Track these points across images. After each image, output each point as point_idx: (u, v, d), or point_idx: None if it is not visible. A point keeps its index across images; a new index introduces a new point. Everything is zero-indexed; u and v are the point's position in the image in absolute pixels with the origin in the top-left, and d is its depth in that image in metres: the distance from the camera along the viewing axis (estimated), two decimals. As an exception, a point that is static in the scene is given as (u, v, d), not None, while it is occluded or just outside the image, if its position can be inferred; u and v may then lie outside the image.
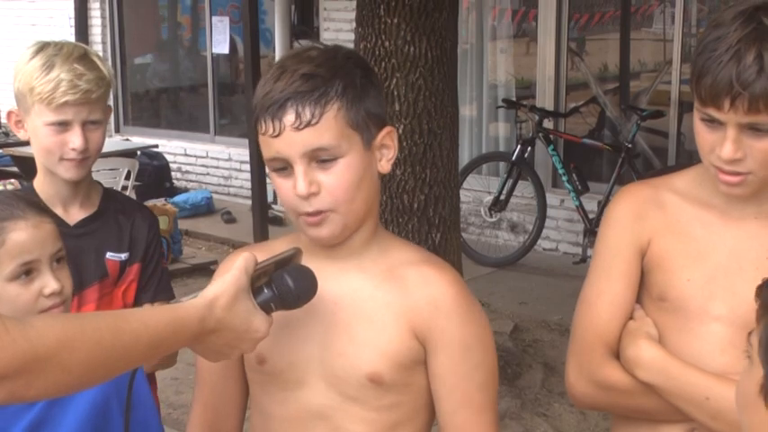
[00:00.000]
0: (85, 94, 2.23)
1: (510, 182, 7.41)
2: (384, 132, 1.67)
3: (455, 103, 4.74)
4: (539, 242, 7.49)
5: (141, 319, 1.41)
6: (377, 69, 4.38)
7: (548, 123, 7.52)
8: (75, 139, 2.25)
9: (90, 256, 2.34)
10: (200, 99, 10.47)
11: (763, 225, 1.76)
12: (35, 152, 2.33)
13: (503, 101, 7.78)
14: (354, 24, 4.80)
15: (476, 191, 7.70)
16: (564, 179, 7.20)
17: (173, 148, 9.98)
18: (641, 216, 1.83)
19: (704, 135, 1.70)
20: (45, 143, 2.27)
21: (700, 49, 1.67)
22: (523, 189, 7.49)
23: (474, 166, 7.70)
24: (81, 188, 2.36)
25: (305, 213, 1.62)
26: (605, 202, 6.72)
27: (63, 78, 2.21)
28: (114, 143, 9.28)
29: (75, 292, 2.23)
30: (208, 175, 9.92)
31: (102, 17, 10.64)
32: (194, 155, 10.02)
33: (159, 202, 8.02)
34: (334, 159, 1.59)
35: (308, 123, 1.57)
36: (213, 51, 10.00)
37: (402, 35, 4.47)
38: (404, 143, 4.47)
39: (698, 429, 1.76)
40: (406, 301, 1.67)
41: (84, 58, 2.28)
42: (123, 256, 2.38)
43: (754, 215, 1.76)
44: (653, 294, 1.82)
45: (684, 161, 6.89)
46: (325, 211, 1.61)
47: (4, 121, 7.77)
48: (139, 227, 2.42)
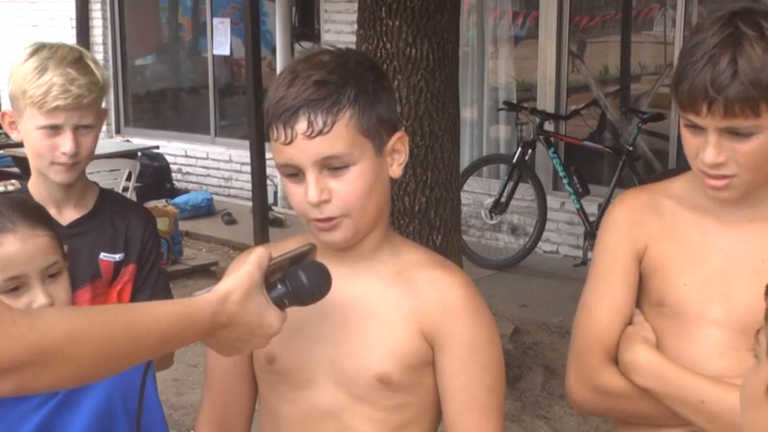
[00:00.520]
0: (77, 99, 2.21)
1: (510, 184, 7.41)
2: (395, 138, 1.67)
3: (456, 105, 4.74)
4: (539, 245, 7.49)
5: (152, 313, 1.40)
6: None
7: (548, 126, 7.51)
8: (66, 143, 2.24)
9: (82, 257, 2.33)
10: (200, 100, 10.47)
11: (758, 228, 1.77)
12: (28, 154, 2.32)
13: (504, 103, 7.78)
14: (355, 26, 4.80)
15: (476, 193, 7.70)
16: (564, 182, 7.20)
17: (173, 149, 9.98)
18: (638, 222, 1.84)
19: (689, 140, 1.72)
20: (36, 146, 2.26)
21: (680, 55, 1.70)
22: (524, 191, 7.49)
23: (475, 168, 7.70)
24: (74, 189, 2.35)
25: (315, 220, 1.62)
26: (606, 205, 6.72)
27: (55, 83, 2.20)
28: (115, 144, 9.29)
29: None
30: (208, 176, 9.92)
31: (104, 18, 10.65)
32: (195, 156, 10.02)
33: (160, 203, 8.02)
34: (345, 167, 1.60)
35: (319, 132, 1.57)
36: (214, 53, 10.00)
37: (403, 37, 4.47)
38: (405, 145, 4.46)
39: None
40: (415, 302, 1.68)
41: (79, 62, 2.25)
42: (118, 256, 2.37)
43: (748, 219, 1.77)
44: (651, 299, 1.83)
45: (685, 164, 6.86)
46: (336, 218, 1.61)
47: (4, 121, 7.72)
48: (135, 227, 2.40)
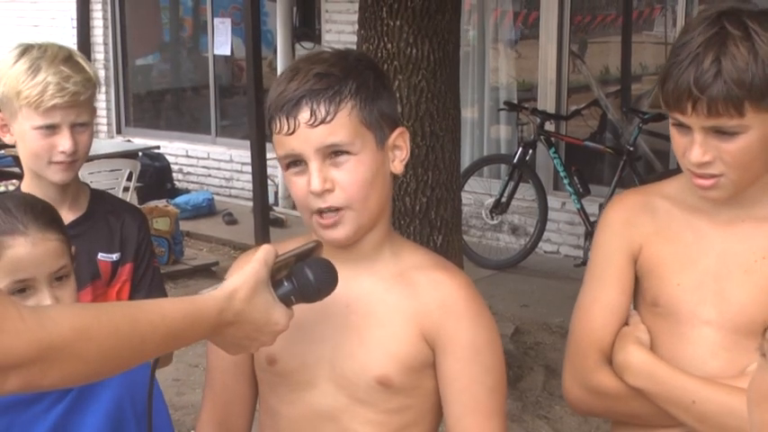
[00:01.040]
0: (73, 97, 2.21)
1: (511, 184, 7.41)
2: (397, 133, 1.68)
3: (457, 105, 4.74)
4: (540, 245, 7.49)
5: (159, 310, 1.40)
6: (379, 71, 4.37)
7: (549, 126, 7.51)
8: (65, 142, 2.23)
9: (81, 258, 2.30)
10: (201, 100, 10.48)
11: (751, 228, 1.77)
12: (22, 156, 2.31)
13: (504, 103, 7.78)
14: (356, 26, 4.80)
15: (477, 193, 7.70)
16: (565, 182, 7.20)
17: (174, 149, 9.99)
18: (632, 223, 1.85)
19: (677, 139, 1.74)
20: (33, 147, 2.25)
21: (668, 55, 1.71)
22: (525, 192, 7.49)
23: (475, 168, 7.70)
24: (69, 191, 2.35)
25: (318, 212, 1.62)
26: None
27: (50, 81, 2.19)
28: (116, 144, 9.30)
29: None
30: (209, 176, 9.92)
31: (104, 18, 10.65)
32: (196, 156, 10.03)
33: (161, 203, 8.03)
34: (347, 157, 1.61)
35: (322, 120, 1.58)
36: (215, 53, 10.01)
37: (404, 37, 4.47)
38: (406, 145, 4.47)
39: None
40: (416, 304, 1.68)
41: (70, 59, 2.25)
42: (115, 256, 2.37)
43: (741, 218, 1.78)
44: (646, 300, 1.85)
45: (686, 164, 6.87)
46: (339, 209, 1.61)
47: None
48: (129, 227, 2.40)
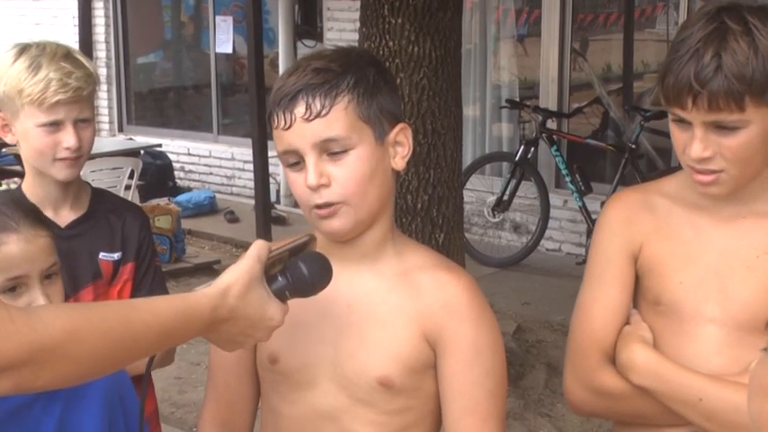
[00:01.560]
0: (76, 92, 2.22)
1: (513, 182, 7.41)
2: (398, 128, 1.67)
3: (459, 103, 4.74)
4: (542, 242, 7.49)
5: (151, 309, 1.39)
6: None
7: (551, 124, 7.51)
8: (69, 138, 2.23)
9: (83, 258, 2.33)
10: (203, 98, 10.48)
11: (751, 224, 1.77)
12: (25, 155, 2.30)
13: (506, 101, 7.77)
14: (358, 24, 4.79)
15: (479, 191, 7.70)
16: (567, 180, 7.20)
17: (176, 147, 9.99)
18: (631, 221, 1.84)
19: (676, 135, 1.73)
20: (37, 145, 2.25)
21: (669, 50, 1.71)
22: (526, 189, 7.48)
23: (477, 166, 7.70)
24: (71, 189, 2.34)
25: (316, 206, 1.62)
26: (608, 203, 6.71)
27: (53, 78, 2.19)
28: (118, 142, 9.31)
29: (71, 294, 2.21)
30: (211, 174, 9.92)
31: (106, 16, 10.65)
32: (197, 154, 10.03)
33: (162, 201, 8.03)
34: (344, 152, 1.60)
35: (317, 114, 1.58)
36: (216, 51, 10.00)
37: (406, 35, 4.47)
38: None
39: None
40: (418, 305, 1.67)
41: (69, 56, 2.26)
42: (116, 255, 2.37)
43: (742, 215, 1.77)
44: (648, 298, 1.83)
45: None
46: (336, 204, 1.61)
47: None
48: (131, 226, 2.40)
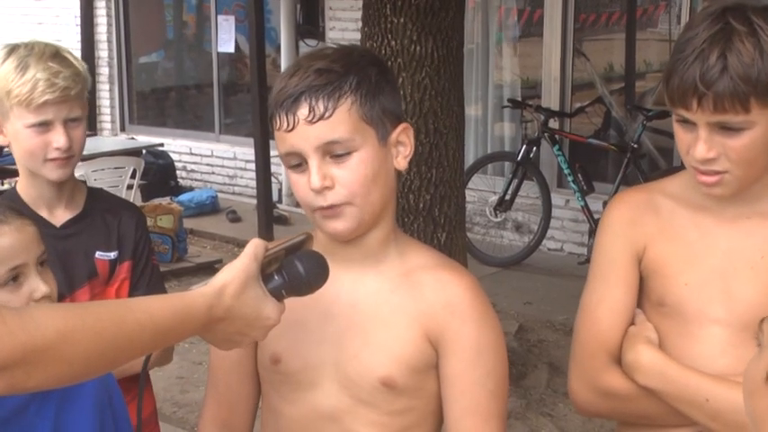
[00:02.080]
0: (64, 92, 2.20)
1: (515, 182, 7.40)
2: (400, 129, 1.66)
3: (461, 102, 4.73)
4: (544, 242, 7.48)
5: (146, 309, 1.38)
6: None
7: (553, 123, 7.51)
8: (59, 138, 2.22)
9: (79, 257, 2.32)
10: (205, 98, 10.48)
11: (755, 224, 1.76)
12: (16, 156, 2.29)
13: (508, 101, 7.77)
14: (360, 24, 4.79)
15: (481, 191, 7.69)
16: (569, 179, 7.20)
17: (178, 146, 9.99)
18: (635, 222, 1.84)
19: (680, 136, 1.73)
20: (27, 145, 2.23)
21: (672, 51, 1.70)
22: (528, 189, 7.48)
23: (479, 165, 7.69)
24: (65, 189, 2.34)
25: (320, 208, 1.61)
26: (611, 203, 6.71)
27: (40, 78, 2.18)
28: (119, 142, 9.32)
29: (67, 294, 2.21)
30: (213, 173, 9.92)
31: (108, 16, 10.65)
32: (199, 154, 10.03)
33: (164, 200, 8.04)
34: (348, 153, 1.59)
35: (321, 116, 1.57)
36: (218, 50, 10.01)
37: (408, 34, 4.47)
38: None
39: None
40: (421, 305, 1.66)
41: (58, 55, 2.24)
42: (112, 254, 2.36)
43: (746, 215, 1.77)
44: (652, 299, 1.83)
45: (690, 162, 6.87)
46: (340, 205, 1.60)
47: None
48: (127, 225, 2.39)
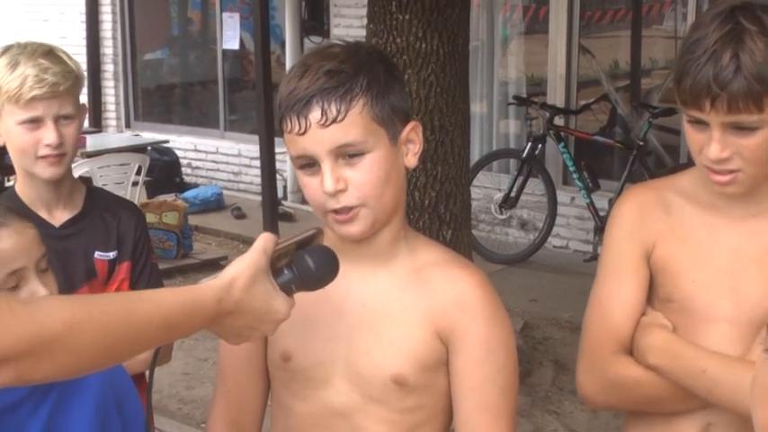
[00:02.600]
0: (53, 87, 2.20)
1: (520, 179, 7.39)
2: (409, 127, 1.66)
3: (466, 99, 4.73)
4: (549, 239, 7.47)
5: (154, 301, 1.38)
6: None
7: (558, 120, 7.50)
8: (49, 134, 2.21)
9: (78, 257, 2.32)
10: (210, 95, 10.48)
11: (763, 223, 1.78)
12: (11, 155, 2.29)
13: (513, 98, 7.76)
14: (365, 21, 4.79)
15: (486, 188, 7.69)
16: (575, 176, 7.19)
17: (183, 143, 9.99)
18: (645, 218, 1.84)
19: (692, 136, 1.72)
20: (18, 143, 2.24)
21: (681, 51, 1.69)
22: (534, 186, 7.47)
23: (484, 163, 7.69)
24: (63, 188, 2.33)
25: (333, 211, 1.61)
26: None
27: (29, 74, 2.18)
28: (124, 139, 9.32)
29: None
30: (218, 170, 9.92)
31: (113, 13, 10.66)
32: (204, 150, 10.03)
33: (169, 197, 8.03)
34: (360, 155, 1.59)
35: (333, 120, 1.56)
36: (223, 47, 10.00)
37: (414, 31, 4.46)
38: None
39: (713, 425, 1.77)
40: (431, 302, 1.66)
41: (50, 53, 2.25)
42: (111, 254, 2.36)
43: (752, 214, 1.78)
44: (660, 296, 1.84)
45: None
46: (353, 208, 1.60)
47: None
48: (126, 224, 2.39)
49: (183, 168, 9.74)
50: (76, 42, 10.27)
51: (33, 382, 1.29)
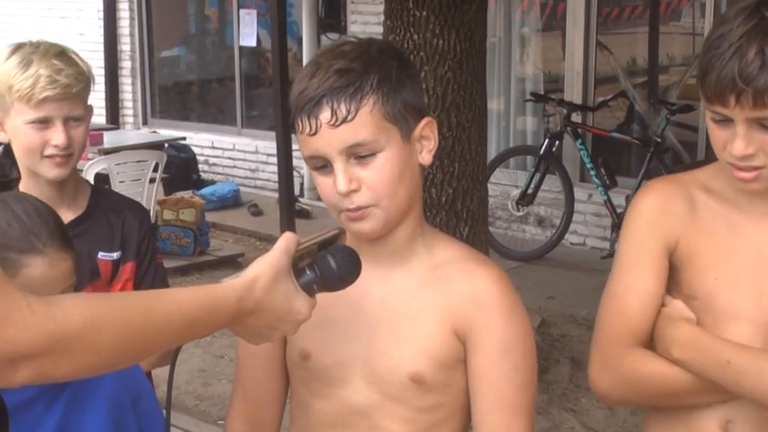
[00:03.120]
0: (65, 89, 2.20)
1: (537, 176, 7.38)
2: (423, 123, 1.64)
3: (483, 96, 4.72)
4: (566, 236, 7.46)
5: (174, 300, 1.37)
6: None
7: (576, 117, 7.48)
8: (58, 135, 2.21)
9: (82, 258, 2.26)
10: (227, 92, 10.50)
11: None
12: (16, 154, 2.28)
13: (531, 94, 7.74)
14: (382, 17, 4.78)
15: (503, 185, 7.67)
16: (592, 173, 7.17)
17: (200, 140, 10.01)
18: (668, 212, 1.82)
19: (716, 133, 1.70)
20: (26, 142, 2.23)
21: (705, 47, 1.68)
22: (551, 183, 7.45)
23: (501, 159, 7.67)
24: (67, 189, 2.32)
25: (346, 210, 1.60)
26: (634, 197, 6.68)
27: (42, 74, 2.18)
28: (142, 135, 9.34)
29: None
30: (235, 167, 9.94)
31: (131, 10, 10.69)
32: (221, 147, 10.05)
33: (186, 194, 8.05)
34: (373, 155, 1.58)
35: (344, 120, 1.55)
36: (240, 44, 10.02)
37: (431, 28, 4.46)
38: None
39: (732, 422, 1.76)
40: (449, 300, 1.66)
41: (62, 54, 2.24)
42: (115, 255, 2.35)
43: None
44: (683, 292, 1.82)
45: (713, 156, 6.82)
46: (366, 207, 1.59)
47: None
48: (131, 224, 2.38)
49: (201, 165, 9.76)
50: (94, 39, 10.32)
51: (52, 380, 1.29)
